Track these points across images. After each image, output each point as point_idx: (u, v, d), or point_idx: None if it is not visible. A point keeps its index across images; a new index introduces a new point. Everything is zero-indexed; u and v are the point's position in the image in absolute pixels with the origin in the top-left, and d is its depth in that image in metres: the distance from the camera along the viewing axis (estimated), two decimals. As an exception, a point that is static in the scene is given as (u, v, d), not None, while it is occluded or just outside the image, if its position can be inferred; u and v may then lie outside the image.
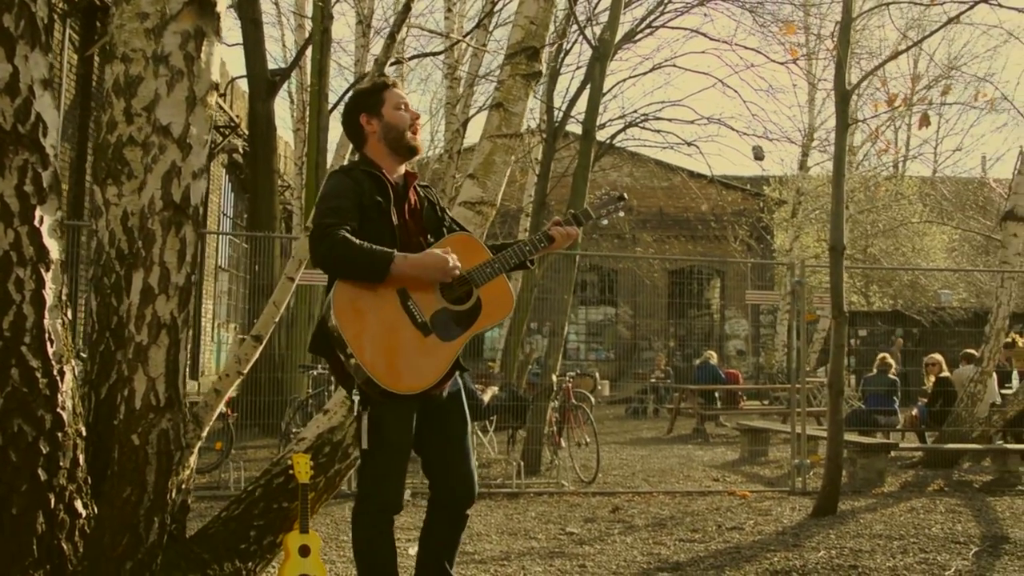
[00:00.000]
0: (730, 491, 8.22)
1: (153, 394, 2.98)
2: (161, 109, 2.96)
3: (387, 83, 3.46)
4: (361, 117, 3.43)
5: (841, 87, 7.24)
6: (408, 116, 3.43)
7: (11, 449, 3.07)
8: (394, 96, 3.42)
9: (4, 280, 3.06)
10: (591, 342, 26.50)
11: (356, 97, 3.52)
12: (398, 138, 3.41)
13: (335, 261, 3.14)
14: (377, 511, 3.38)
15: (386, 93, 3.42)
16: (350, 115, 3.48)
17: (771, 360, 24.23)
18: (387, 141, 3.41)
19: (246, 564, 4.19)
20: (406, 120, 3.42)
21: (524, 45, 5.26)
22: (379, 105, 3.41)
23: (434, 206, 3.60)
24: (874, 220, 21.62)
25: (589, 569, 5.16)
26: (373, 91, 3.45)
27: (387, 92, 3.42)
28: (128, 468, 2.98)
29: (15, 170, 3.09)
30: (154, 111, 2.96)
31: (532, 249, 3.56)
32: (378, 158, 3.43)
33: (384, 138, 3.41)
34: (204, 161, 3.05)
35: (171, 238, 2.96)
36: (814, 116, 22.42)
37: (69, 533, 3.23)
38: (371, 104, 3.42)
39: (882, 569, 5.08)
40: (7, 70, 3.07)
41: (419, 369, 3.24)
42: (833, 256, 7.09)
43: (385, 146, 3.42)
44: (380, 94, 3.42)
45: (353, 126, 3.46)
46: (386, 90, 3.43)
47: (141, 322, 2.96)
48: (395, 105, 3.41)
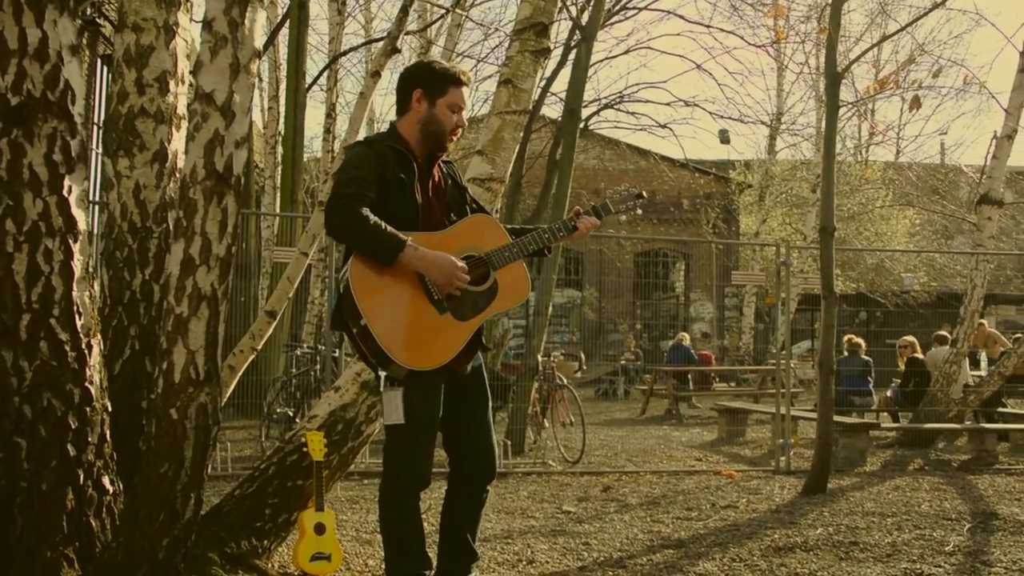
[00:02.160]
0: (716, 471, 8.30)
1: (193, 367, 2.92)
2: (204, 76, 2.89)
3: (461, 79, 3.40)
4: (416, 92, 3.38)
5: (832, 69, 7.29)
6: (455, 121, 3.39)
7: (40, 424, 3.00)
8: (455, 96, 3.38)
9: (33, 251, 2.99)
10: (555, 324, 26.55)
11: (423, 70, 3.44)
12: (435, 134, 3.38)
13: (347, 234, 3.14)
14: (405, 487, 3.36)
15: (451, 89, 3.37)
16: (408, 82, 3.42)
17: (735, 343, 24.49)
18: (423, 129, 3.37)
19: (261, 542, 4.15)
20: (452, 123, 3.38)
21: (533, 21, 5.22)
22: (438, 95, 3.36)
23: (457, 184, 3.59)
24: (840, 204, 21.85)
25: (593, 547, 5.18)
26: (442, 78, 3.38)
27: (452, 89, 3.37)
28: (165, 443, 2.93)
29: (44, 138, 3.01)
30: (197, 78, 2.88)
31: (552, 237, 3.57)
32: (408, 135, 3.40)
33: (422, 124, 3.37)
34: (247, 130, 2.99)
35: (213, 208, 2.90)
36: (783, 100, 22.59)
37: (97, 509, 3.17)
38: (432, 87, 3.36)
39: (882, 545, 5.16)
40: (36, 35, 2.99)
41: (431, 346, 3.24)
42: (823, 237, 7.16)
43: (419, 131, 3.38)
44: (446, 85, 3.36)
45: (405, 93, 3.42)
46: (453, 85, 3.37)
47: (181, 294, 2.90)
48: (451, 104, 3.37)
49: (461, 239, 3.37)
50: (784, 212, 23.97)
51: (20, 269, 2.99)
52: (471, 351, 3.46)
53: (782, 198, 22.64)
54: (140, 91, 4.09)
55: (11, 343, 2.98)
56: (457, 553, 3.55)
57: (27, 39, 2.99)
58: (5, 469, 3.00)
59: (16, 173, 2.98)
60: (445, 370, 3.31)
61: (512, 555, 4.92)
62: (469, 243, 3.37)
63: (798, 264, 19.31)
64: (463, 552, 3.57)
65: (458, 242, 3.35)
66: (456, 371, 3.40)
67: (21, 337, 2.99)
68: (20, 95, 2.98)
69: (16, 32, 2.98)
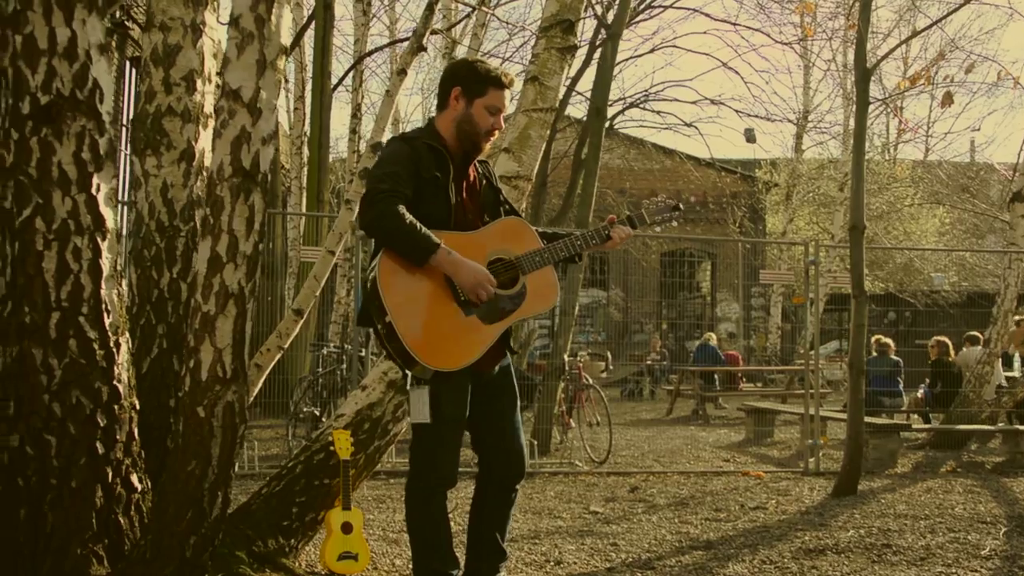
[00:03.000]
0: (744, 471, 8.23)
1: (220, 365, 2.92)
2: (231, 73, 2.88)
3: (502, 80, 3.35)
4: (455, 89, 3.35)
5: (862, 66, 7.20)
6: (491, 122, 3.35)
7: (70, 421, 3.01)
8: (494, 98, 3.33)
9: (62, 249, 3.00)
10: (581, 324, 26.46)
11: (465, 69, 3.41)
12: (469, 134, 3.35)
13: (381, 231, 3.11)
14: (432, 486, 3.35)
15: (491, 90, 3.32)
16: (449, 79, 3.41)
17: (762, 343, 24.32)
18: (458, 127, 3.35)
19: (289, 540, 4.15)
20: (488, 125, 3.34)
21: (559, 18, 5.19)
22: (476, 95, 3.32)
23: (492, 184, 3.57)
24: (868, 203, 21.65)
25: (621, 548, 5.14)
26: (482, 78, 3.34)
27: (492, 90, 3.32)
28: (193, 441, 2.92)
29: (73, 136, 3.02)
30: (224, 75, 2.88)
31: (584, 244, 3.54)
32: (445, 132, 3.37)
33: (458, 123, 3.34)
34: (273, 127, 2.98)
35: (240, 205, 2.89)
36: (810, 98, 22.39)
37: (126, 507, 3.18)
38: (471, 86, 3.33)
39: (915, 548, 5.08)
40: (66, 35, 3.00)
41: (454, 347, 3.21)
42: (854, 236, 7.07)
43: (455, 129, 3.36)
44: (485, 86, 3.32)
45: (445, 90, 3.40)
46: (493, 87, 3.33)
47: (208, 291, 2.90)
48: (488, 106, 3.33)
49: (492, 241, 3.34)
50: (811, 211, 23.77)
51: (50, 267, 3.00)
52: (498, 353, 3.43)
53: (809, 197, 22.44)
54: (167, 90, 4.09)
55: (41, 341, 2.99)
56: (485, 553, 3.53)
57: (56, 38, 3.00)
58: (36, 466, 3.01)
59: (45, 171, 2.99)
60: (472, 370, 3.29)
61: (540, 556, 4.90)
62: (500, 246, 3.35)
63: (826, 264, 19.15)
64: (491, 552, 3.54)
65: (489, 244, 3.33)
66: (483, 372, 3.38)
67: (51, 335, 3.00)
68: (49, 94, 2.99)
69: (46, 31, 2.99)
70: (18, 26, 2.99)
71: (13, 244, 3.01)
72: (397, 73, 4.26)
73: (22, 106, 2.98)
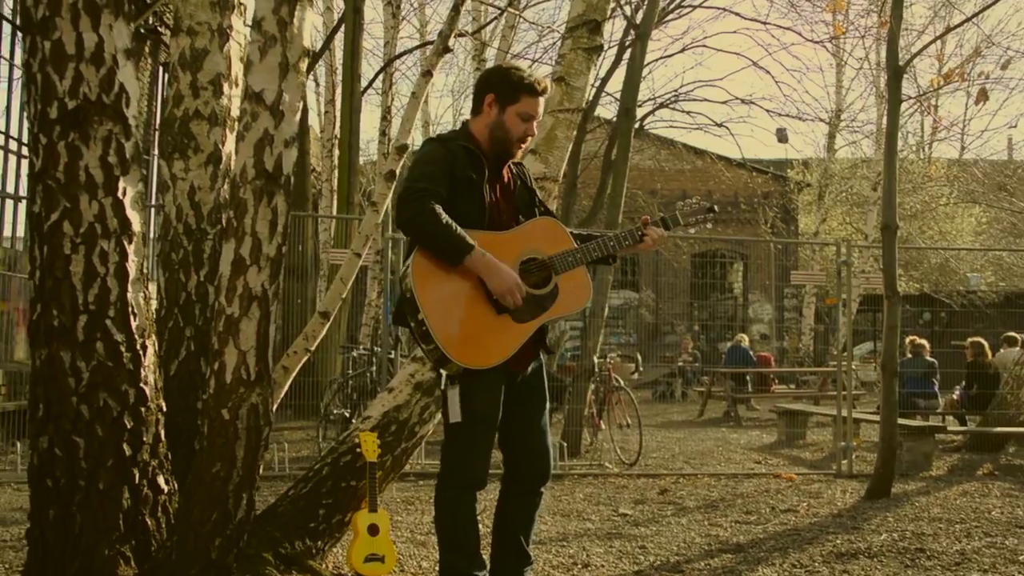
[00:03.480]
0: (776, 473, 8.15)
1: (244, 368, 2.93)
2: (253, 76, 2.90)
3: (536, 87, 3.36)
4: (489, 96, 3.38)
5: (894, 63, 7.10)
6: (523, 129, 3.36)
7: (97, 423, 3.04)
8: (527, 105, 3.34)
9: (89, 253, 3.03)
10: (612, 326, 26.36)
11: (499, 75, 3.44)
12: (501, 140, 3.37)
13: (417, 229, 3.13)
14: (462, 486, 3.36)
15: (524, 97, 3.33)
16: (483, 85, 3.44)
17: (795, 344, 24.10)
18: (491, 133, 3.37)
19: (316, 542, 4.16)
20: (520, 132, 3.36)
21: (585, 18, 5.17)
22: (509, 102, 3.34)
23: (527, 186, 3.58)
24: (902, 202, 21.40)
25: (650, 550, 5.10)
26: (515, 85, 3.34)
27: (525, 97, 3.34)
28: (218, 443, 2.94)
29: (99, 141, 3.04)
30: (247, 78, 2.89)
31: (617, 245, 3.54)
32: (479, 135, 3.40)
33: (491, 129, 3.37)
34: (296, 129, 2.99)
35: (263, 208, 2.91)
36: (842, 97, 22.16)
37: (153, 508, 3.20)
38: (504, 93, 3.35)
39: (950, 552, 5.00)
40: (93, 40, 3.02)
41: (486, 345, 3.22)
42: (886, 235, 6.98)
43: (488, 133, 3.38)
44: (518, 93, 3.33)
45: (479, 96, 3.43)
46: (526, 94, 3.34)
47: (232, 294, 2.91)
48: (521, 113, 3.34)
49: (526, 241, 3.36)
50: (844, 211, 23.52)
51: (77, 271, 3.02)
52: (532, 353, 3.44)
53: (842, 197, 22.20)
54: (195, 94, 4.13)
55: (69, 344, 3.02)
56: (510, 555, 3.52)
57: (83, 43, 3.03)
58: (64, 468, 3.04)
59: (73, 175, 3.01)
60: (505, 370, 3.30)
61: (567, 558, 4.87)
62: (533, 245, 3.36)
63: (859, 264, 18.95)
64: (516, 554, 3.53)
65: (523, 244, 3.34)
66: (516, 371, 3.39)
67: (78, 338, 3.03)
68: (77, 99, 3.01)
69: (73, 37, 3.02)
70: (47, 32, 3.02)
71: (42, 248, 3.04)
72: (423, 75, 4.26)
73: (50, 111, 3.01)
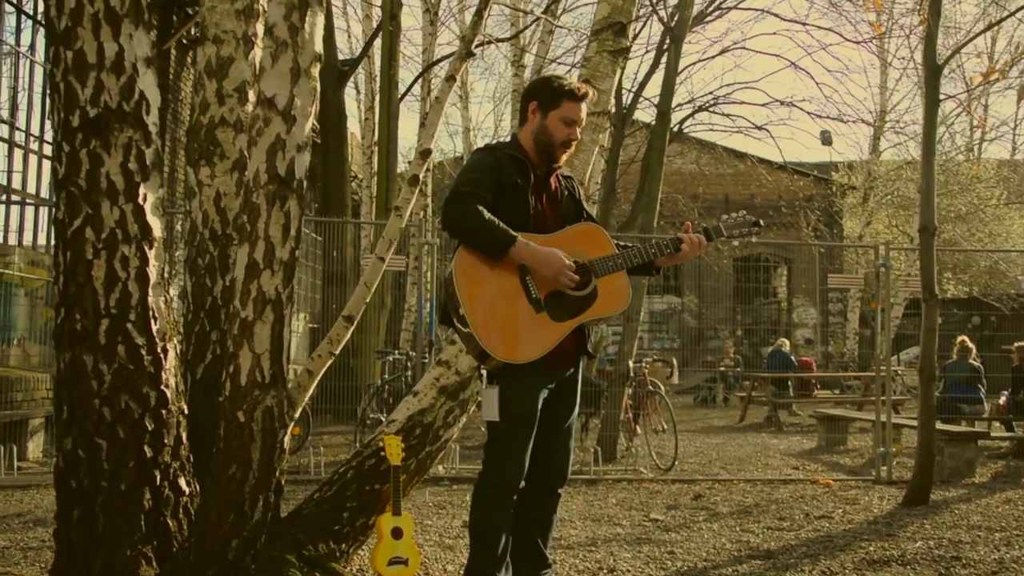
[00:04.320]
0: (813, 479, 8.04)
1: (258, 371, 2.97)
2: (266, 81, 2.94)
3: (576, 93, 3.44)
4: (532, 103, 3.49)
5: (932, 62, 6.99)
6: (567, 133, 3.44)
7: (119, 425, 3.09)
8: (569, 109, 3.43)
9: (110, 257, 3.08)
10: (655, 331, 26.21)
11: (541, 84, 3.57)
12: (546, 145, 3.46)
13: (461, 227, 3.25)
14: (498, 484, 3.40)
15: (565, 102, 3.43)
16: (527, 95, 3.56)
17: (840, 349, 23.78)
18: (536, 140, 3.47)
19: (340, 545, 4.18)
20: (563, 135, 3.44)
21: (611, 21, 5.16)
22: (551, 107, 3.44)
23: (574, 196, 3.66)
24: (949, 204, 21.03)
25: (678, 556, 5.06)
26: (556, 92, 3.45)
27: (566, 102, 3.43)
28: (234, 445, 2.98)
29: (120, 148, 3.10)
30: (259, 83, 2.93)
31: (657, 252, 3.58)
32: (526, 144, 3.50)
33: (536, 136, 3.47)
34: (308, 133, 3.02)
35: (276, 212, 2.94)
36: (886, 98, 21.83)
37: (174, 510, 3.24)
38: (546, 100, 3.45)
39: (987, 561, 4.90)
40: (113, 49, 3.08)
41: (523, 341, 3.28)
42: (924, 237, 6.87)
43: (533, 141, 3.47)
44: (560, 99, 3.43)
45: (524, 105, 3.55)
46: (567, 99, 3.43)
47: (246, 297, 2.95)
48: (563, 118, 3.43)
49: (568, 243, 3.42)
50: (889, 214, 23.15)
51: (99, 275, 3.08)
52: (573, 354, 3.48)
53: (887, 199, 21.85)
54: (220, 101, 4.19)
55: (91, 347, 3.08)
56: (527, 558, 3.52)
57: (104, 53, 3.10)
58: (87, 469, 3.09)
59: (94, 182, 3.07)
60: (543, 370, 3.35)
61: (594, 563, 4.85)
62: (574, 248, 3.41)
63: (904, 267, 18.63)
64: (533, 557, 3.54)
65: (565, 246, 3.39)
66: (556, 371, 3.43)
67: (100, 342, 3.08)
68: (98, 107, 3.08)
69: (95, 46, 3.09)
70: (69, 42, 3.09)
71: (65, 253, 3.11)
72: (446, 79, 4.28)
73: (72, 119, 3.08)
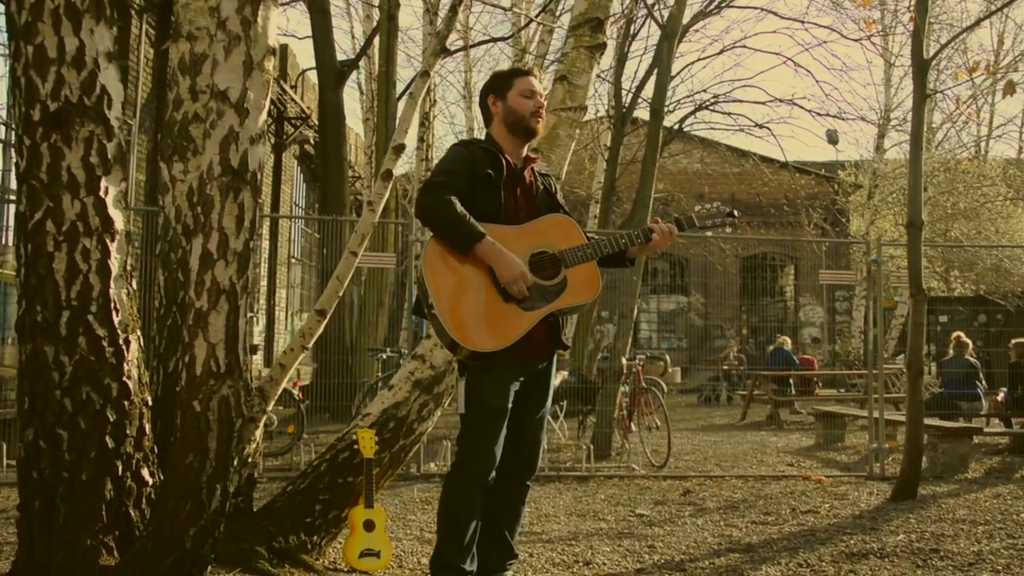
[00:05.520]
0: (805, 476, 8.03)
1: (213, 360, 2.99)
2: (219, 74, 2.97)
3: (521, 70, 3.63)
4: (489, 98, 3.61)
5: (919, 57, 6.98)
6: (532, 104, 3.53)
7: (80, 416, 3.12)
8: (523, 83, 3.56)
9: (71, 250, 3.11)
10: (663, 331, 26.21)
11: (490, 79, 3.68)
12: (517, 122, 3.53)
13: (431, 217, 3.31)
14: (470, 475, 3.42)
15: (516, 79, 3.58)
16: (482, 95, 3.66)
17: (847, 347, 23.69)
18: (507, 124, 3.55)
19: (311, 537, 4.21)
20: (528, 106, 3.52)
21: (588, 16, 5.18)
22: (507, 90, 3.56)
23: (550, 191, 3.71)
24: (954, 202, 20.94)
25: (658, 549, 5.07)
26: (505, 76, 3.62)
27: (517, 78, 3.58)
28: (190, 435, 3.00)
29: (81, 142, 3.13)
30: (212, 76, 2.96)
31: (628, 242, 3.61)
32: (500, 139, 3.57)
33: (505, 121, 3.55)
34: (261, 126, 3.05)
35: (229, 204, 2.97)
36: (891, 96, 21.74)
37: (137, 500, 3.27)
38: (500, 88, 3.58)
39: (965, 553, 4.89)
40: (74, 44, 3.11)
41: (492, 330, 3.30)
42: (911, 232, 6.86)
43: (505, 128, 3.55)
44: (510, 79, 3.58)
45: (484, 106, 3.66)
46: (517, 76, 3.59)
47: (201, 288, 2.98)
48: (521, 91, 3.54)
49: (539, 235, 3.45)
50: (896, 212, 23.05)
51: (60, 267, 3.11)
52: (546, 346, 3.50)
53: (891, 197, 21.76)
54: (194, 98, 4.22)
55: (52, 339, 3.11)
56: (492, 547, 3.54)
57: (65, 48, 3.13)
58: (48, 460, 3.12)
59: (55, 175, 3.11)
60: (515, 361, 3.38)
61: (571, 556, 4.86)
62: (545, 239, 3.45)
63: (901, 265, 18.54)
64: (499, 547, 3.56)
65: (535, 237, 3.43)
66: (528, 364, 3.47)
67: (61, 333, 3.12)
68: (58, 101, 3.11)
69: (55, 41, 3.12)
70: (29, 37, 3.12)
71: (27, 246, 3.14)
72: (420, 75, 4.30)
73: (33, 113, 3.11)
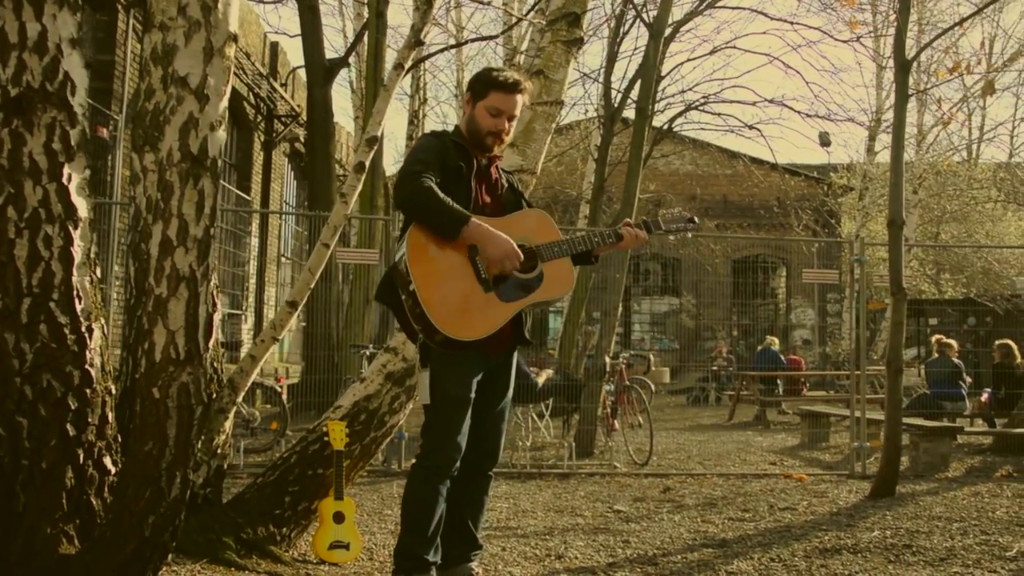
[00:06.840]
0: (787, 474, 8.04)
1: (173, 347, 2.98)
2: (179, 60, 2.97)
3: (504, 84, 3.49)
4: (468, 94, 3.61)
5: (901, 57, 7.00)
6: (492, 123, 3.49)
7: (40, 404, 3.09)
8: (495, 100, 3.49)
9: (33, 237, 3.09)
10: (655, 332, 26.22)
11: (479, 74, 3.64)
12: (475, 133, 3.53)
13: (415, 206, 3.29)
14: (433, 466, 3.41)
15: (492, 93, 3.49)
16: (467, 86, 3.65)
17: (837, 349, 23.74)
18: (467, 128, 3.56)
19: (280, 529, 4.20)
20: (488, 126, 3.50)
21: (565, 11, 5.17)
22: (480, 98, 3.52)
23: (514, 189, 3.73)
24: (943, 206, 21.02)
25: (632, 544, 5.07)
26: (487, 82, 3.53)
27: (493, 93, 3.49)
28: (149, 422, 2.99)
29: (43, 128, 3.11)
30: (172, 62, 2.95)
31: (600, 242, 3.66)
32: (464, 132, 3.57)
33: (467, 125, 3.56)
34: (222, 112, 3.04)
35: (189, 190, 2.96)
36: (882, 98, 21.78)
37: (99, 489, 3.25)
38: (477, 90, 3.55)
39: (938, 549, 4.89)
40: (36, 29, 3.09)
41: (472, 320, 3.32)
42: (892, 231, 6.87)
43: (466, 130, 3.56)
44: (488, 89, 3.51)
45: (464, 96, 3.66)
46: (495, 90, 3.49)
47: (160, 275, 2.97)
48: (489, 108, 3.49)
49: (516, 228, 3.46)
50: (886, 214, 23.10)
51: (21, 254, 3.09)
52: (510, 338, 3.51)
53: (882, 200, 21.81)
54: (165, 88, 4.19)
55: (12, 326, 3.09)
56: (456, 538, 3.54)
57: (27, 32, 3.10)
58: (8, 448, 3.10)
59: (17, 162, 3.09)
60: (482, 354, 3.40)
61: (544, 550, 4.85)
62: (522, 233, 3.46)
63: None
64: (463, 538, 3.56)
65: (513, 230, 3.43)
66: (492, 355, 3.48)
67: (22, 320, 3.09)
68: (19, 86, 3.08)
69: (16, 26, 3.10)
70: (-9, 22, 3.10)
71: (-13, 233, 3.11)
72: (394, 68, 4.28)
73: (-6, 99, 3.09)
